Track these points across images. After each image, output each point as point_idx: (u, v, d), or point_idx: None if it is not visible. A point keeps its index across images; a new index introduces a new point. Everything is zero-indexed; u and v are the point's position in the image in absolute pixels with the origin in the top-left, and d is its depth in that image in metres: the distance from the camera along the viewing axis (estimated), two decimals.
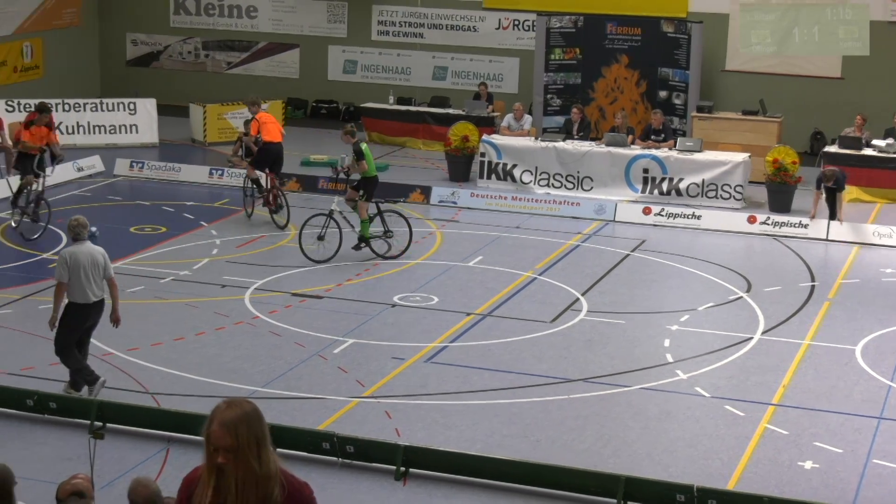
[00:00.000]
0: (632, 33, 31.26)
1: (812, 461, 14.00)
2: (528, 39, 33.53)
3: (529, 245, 23.13)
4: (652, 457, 14.12)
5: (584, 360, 17.17)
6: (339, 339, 17.53)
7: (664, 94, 30.98)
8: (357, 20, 35.69)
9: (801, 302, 20.03)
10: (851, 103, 30.11)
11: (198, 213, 24.81)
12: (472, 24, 34.75)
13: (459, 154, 28.27)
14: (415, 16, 35.18)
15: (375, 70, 35.73)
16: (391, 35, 35.53)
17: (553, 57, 31.56)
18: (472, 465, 13.42)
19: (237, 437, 5.92)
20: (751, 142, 27.96)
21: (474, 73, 34.70)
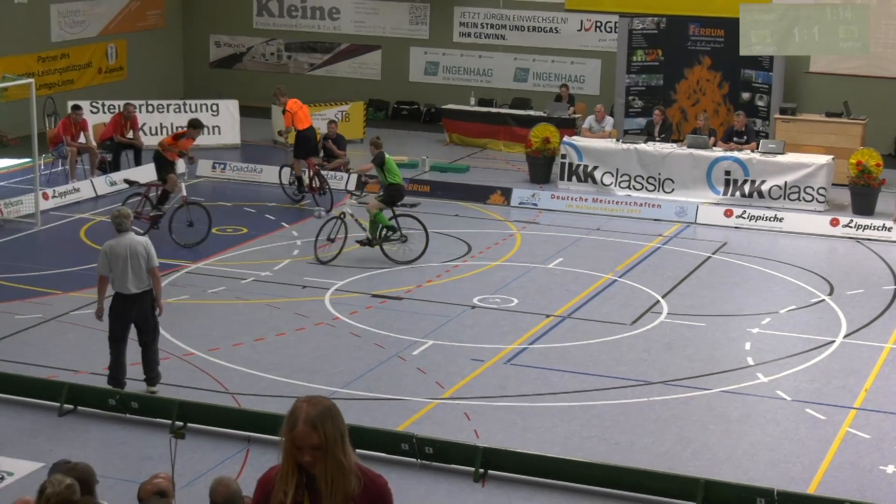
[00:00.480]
0: (714, 35, 31.08)
1: (894, 466, 13.86)
2: (610, 41, 33.44)
3: (610, 247, 23.09)
4: (732, 460, 14.05)
5: (664, 362, 17.11)
6: (418, 341, 17.60)
7: (747, 95, 30.77)
8: (439, 21, 35.78)
9: (885, 305, 19.84)
10: None
11: (279, 214, 25.00)
12: (554, 26, 34.71)
13: (540, 156, 28.26)
14: (496, 17, 35.20)
15: (457, 71, 35.79)
16: (473, 36, 35.58)
17: (635, 58, 31.45)
18: (550, 468, 13.42)
19: (325, 434, 5.96)
20: (834, 144, 27.70)
21: (556, 75, 34.66)
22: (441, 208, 25.52)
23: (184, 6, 37.81)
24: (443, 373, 16.42)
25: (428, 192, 26.52)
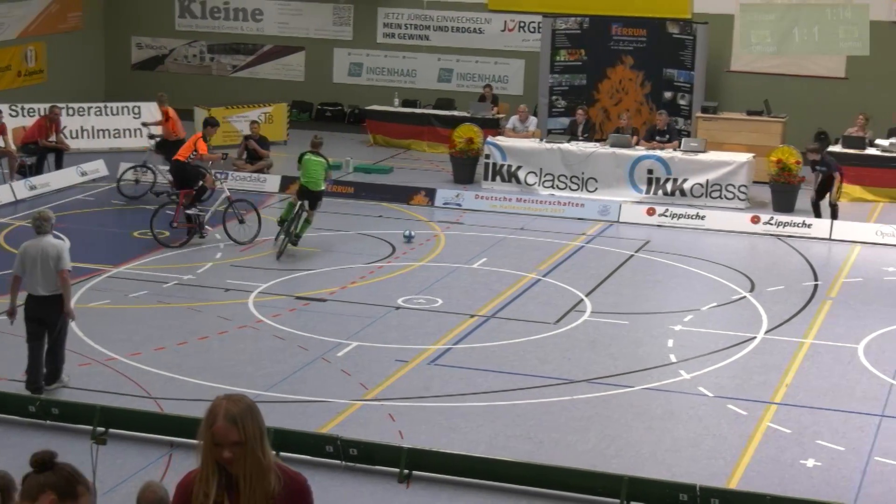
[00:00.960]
0: (636, 34, 31.29)
1: (814, 459, 14.02)
2: (534, 41, 33.56)
3: (534, 246, 23.17)
4: (655, 457, 14.14)
5: (587, 361, 17.20)
6: (342, 342, 17.57)
7: (668, 94, 31.00)
8: (362, 23, 35.73)
9: (804, 301, 20.07)
10: (855, 103, 30.10)
11: None
12: (478, 26, 34.78)
13: (464, 156, 28.31)
14: (420, 18, 35.21)
15: (381, 72, 35.76)
16: (397, 37, 35.57)
17: (558, 58, 31.60)
18: (475, 467, 13.44)
19: (244, 431, 5.93)
20: (755, 142, 27.98)
21: (479, 75, 34.72)
22: (365, 209, 25.52)
23: (105, 8, 37.48)
24: (367, 374, 16.39)
25: (352, 194, 26.51)
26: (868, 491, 13.31)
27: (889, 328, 18.72)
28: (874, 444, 14.50)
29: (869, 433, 14.80)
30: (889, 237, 23.63)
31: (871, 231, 23.90)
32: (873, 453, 14.22)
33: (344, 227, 24.10)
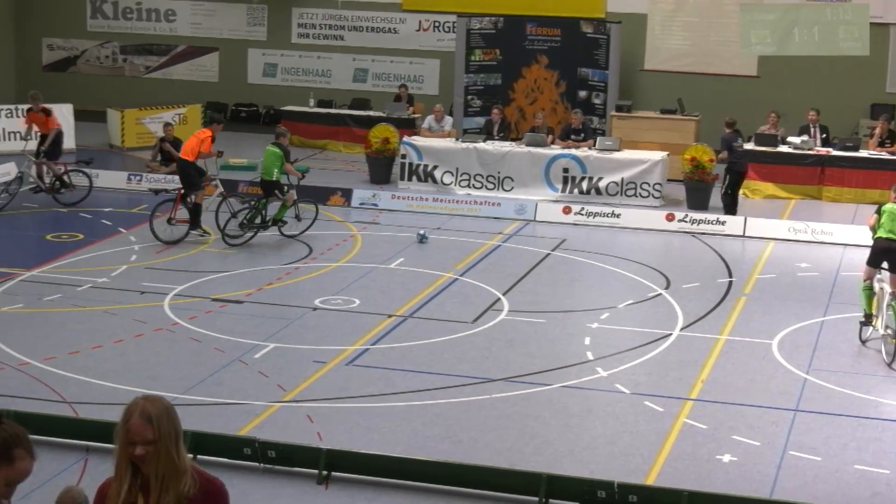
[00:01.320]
0: (551, 34, 31.44)
1: (730, 454, 14.13)
2: (449, 41, 33.62)
3: (451, 246, 23.20)
4: (573, 454, 14.19)
5: (505, 359, 17.23)
6: (259, 344, 17.47)
7: (583, 93, 31.18)
8: (277, 23, 35.62)
9: (719, 298, 20.25)
10: (767, 101, 30.47)
11: (116, 219, 24.63)
12: (392, 26, 34.78)
13: (380, 156, 28.30)
14: (335, 18, 35.16)
15: (295, 73, 35.67)
16: (311, 37, 35.49)
17: (473, 58, 31.66)
18: (394, 467, 13.41)
19: (159, 430, 5.90)
20: (669, 140, 28.22)
21: (395, 75, 34.73)
22: None
23: (14, 9, 37.03)
24: (285, 375, 16.32)
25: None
26: (783, 485, 13.44)
27: (802, 323, 18.95)
28: (789, 438, 14.65)
29: (783, 428, 14.96)
30: (801, 233, 23.93)
31: (783, 228, 24.17)
32: (788, 447, 14.37)
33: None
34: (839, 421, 15.24)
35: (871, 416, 15.45)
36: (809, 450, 14.31)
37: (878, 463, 14.02)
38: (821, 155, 27.39)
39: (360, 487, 13.22)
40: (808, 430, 14.90)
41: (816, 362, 17.27)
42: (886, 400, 16.05)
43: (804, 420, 15.22)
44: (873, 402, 15.94)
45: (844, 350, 17.85)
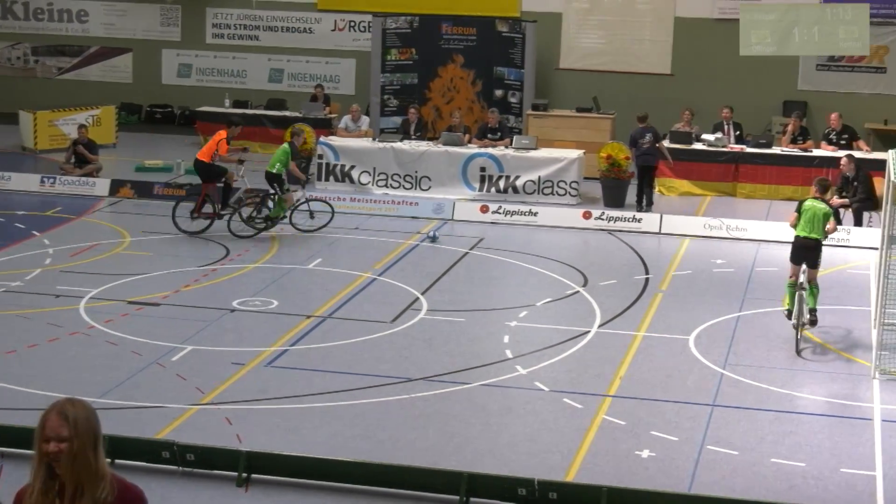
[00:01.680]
0: (466, 33, 31.50)
1: (649, 450, 14.24)
2: (364, 40, 33.59)
3: (369, 246, 23.17)
4: (493, 452, 14.22)
5: (424, 359, 17.24)
6: (177, 346, 17.34)
7: (499, 92, 31.27)
8: (191, 23, 35.37)
9: (636, 294, 20.39)
10: (681, 99, 30.74)
11: (29, 222, 24.35)
12: (308, 26, 34.67)
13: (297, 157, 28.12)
14: (249, 18, 34.99)
15: (210, 73, 35.46)
16: (226, 38, 35.30)
17: (389, 57, 31.65)
18: (315, 469, 13.37)
19: (75, 428, 5.85)
20: (585, 138, 28.38)
21: (310, 75, 34.63)
22: None
23: None
24: (203, 378, 16.20)
25: (183, 197, 26.12)
26: (701, 479, 13.56)
27: (718, 319, 19.13)
28: (706, 433, 14.78)
29: (701, 423, 15.09)
30: (716, 230, 24.16)
31: (699, 224, 24.39)
32: (706, 442, 14.50)
33: (175, 230, 23.76)
34: (755, 415, 15.41)
35: (786, 410, 15.62)
36: (727, 444, 14.45)
37: (794, 456, 14.19)
38: (734, 152, 27.67)
39: (281, 489, 13.17)
40: (726, 425, 15.05)
41: (732, 357, 17.45)
42: (801, 393, 16.26)
43: (721, 415, 15.37)
44: (788, 395, 16.13)
45: (760, 345, 18.05)
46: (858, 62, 30.98)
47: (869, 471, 13.84)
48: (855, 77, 31.27)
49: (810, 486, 13.49)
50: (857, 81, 31.27)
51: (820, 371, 17.13)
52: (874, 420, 15.32)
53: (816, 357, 17.66)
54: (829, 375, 16.95)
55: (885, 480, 13.60)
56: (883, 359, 16.83)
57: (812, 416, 15.55)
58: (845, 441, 14.69)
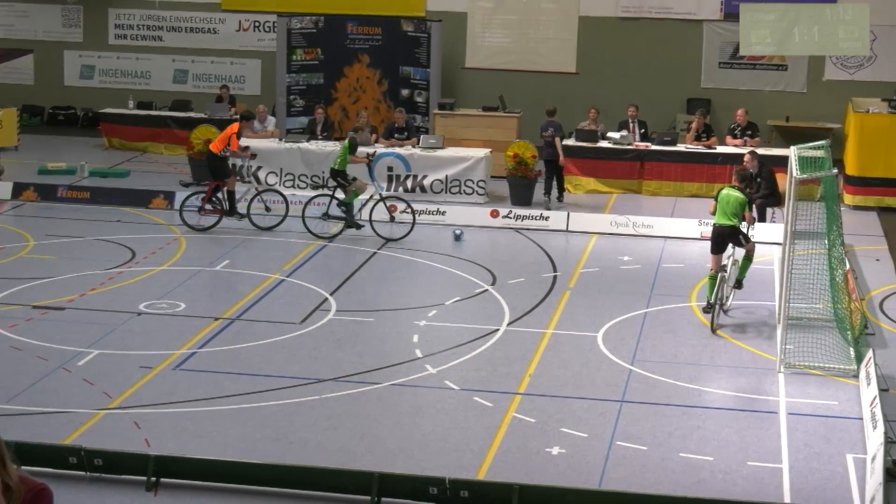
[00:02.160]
0: (372, 33, 31.46)
1: (559, 447, 14.32)
2: (269, 41, 33.42)
3: (276, 247, 23.07)
4: (405, 452, 14.24)
5: (334, 359, 17.20)
6: (83, 351, 17.16)
7: (406, 92, 31.27)
8: (93, 24, 34.98)
9: (545, 292, 20.49)
10: (587, 97, 30.94)
11: None
12: (212, 26, 34.44)
13: (202, 157, 27.95)
14: (153, 18, 34.67)
15: (114, 75, 35.10)
16: (129, 38, 34.95)
17: (294, 57, 31.52)
18: (225, 471, 13.31)
19: None
20: (491, 137, 28.45)
21: (216, 76, 34.39)
22: (102, 215, 24.99)
23: None
24: (110, 382, 16.05)
25: (87, 199, 25.89)
26: (611, 475, 13.67)
27: (626, 315, 19.28)
28: (615, 428, 14.91)
29: (610, 419, 15.21)
30: (623, 227, 24.33)
31: (605, 221, 24.56)
32: (615, 438, 14.62)
33: (81, 233, 23.54)
34: (664, 410, 15.56)
35: (694, 405, 15.80)
36: (636, 439, 14.58)
37: (702, 450, 14.36)
38: (640, 150, 27.89)
39: (191, 493, 13.11)
40: (635, 421, 15.18)
41: (640, 353, 17.60)
42: (708, 388, 16.44)
43: (630, 410, 15.50)
44: (696, 390, 16.31)
45: (667, 341, 18.22)
46: (759, 59, 31.35)
47: (775, 463, 14.04)
48: (757, 75, 31.63)
49: (718, 479, 13.66)
50: (760, 79, 31.64)
51: (726, 366, 17.33)
52: (780, 413, 15.54)
53: (723, 352, 17.85)
54: (735, 370, 17.16)
55: (790, 473, 13.82)
56: (788, 353, 17.07)
57: (719, 411, 15.74)
58: (752, 434, 14.88)
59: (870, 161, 26.85)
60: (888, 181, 26.75)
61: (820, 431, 14.99)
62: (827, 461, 14.15)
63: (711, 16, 31.68)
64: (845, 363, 16.99)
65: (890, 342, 18.30)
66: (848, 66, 31.06)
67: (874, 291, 20.84)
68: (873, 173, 26.82)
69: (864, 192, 26.86)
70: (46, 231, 23.65)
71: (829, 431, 14.99)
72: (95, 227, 23.98)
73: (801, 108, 31.24)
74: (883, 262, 22.66)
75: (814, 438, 14.78)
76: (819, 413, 15.57)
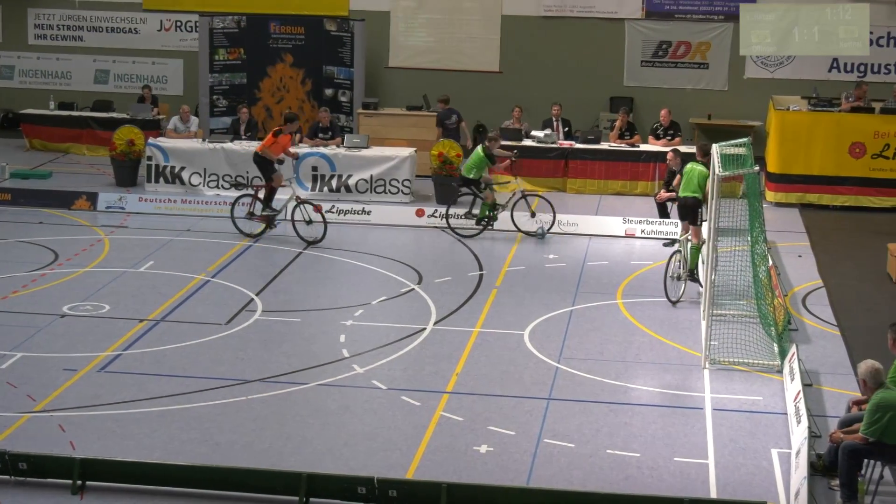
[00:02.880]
0: (295, 32, 31.36)
1: (487, 445, 14.36)
2: (192, 40, 33.21)
3: (201, 248, 22.95)
4: (332, 452, 14.22)
5: (261, 360, 17.14)
6: (6, 354, 16.98)
7: (330, 91, 31.20)
8: (12, 24, 34.61)
9: (471, 291, 20.53)
10: (510, 96, 31.04)
11: None
12: (133, 26, 34.18)
13: (125, 158, 27.77)
14: (73, 18, 34.36)
15: (34, 75, 34.75)
16: (49, 38, 34.61)
17: (217, 57, 31.34)
18: (151, 474, 13.24)
19: None
20: (416, 136, 28.45)
21: (137, 76, 34.13)
22: (24, 216, 24.73)
23: None
24: (34, 385, 15.89)
25: (9, 201, 25.60)
26: (539, 472, 13.73)
27: (552, 314, 19.36)
28: (543, 426, 14.97)
29: (538, 416, 15.27)
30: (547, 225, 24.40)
31: (530, 221, 24.60)
32: (543, 435, 14.68)
33: (2, 235, 23.27)
34: (591, 407, 15.64)
35: (620, 402, 15.90)
36: (563, 437, 14.65)
37: (629, 446, 14.46)
38: (564, 148, 28.01)
39: (118, 496, 13.03)
40: (562, 418, 15.25)
41: (567, 351, 17.68)
42: (634, 385, 16.55)
43: (557, 408, 15.57)
44: (622, 387, 16.41)
45: (593, 338, 18.32)
46: (682, 58, 31.61)
47: (702, 459, 14.17)
48: (679, 73, 31.86)
49: (645, 475, 13.76)
50: (681, 77, 31.87)
51: (652, 362, 17.45)
52: (705, 409, 15.68)
53: (648, 349, 17.97)
54: (661, 367, 17.28)
55: (716, 468, 13.95)
56: (713, 349, 17.22)
57: (646, 407, 15.85)
58: (678, 430, 15.00)
59: (791, 158, 27.13)
60: (809, 178, 27.05)
61: (745, 426, 15.13)
62: (752, 456, 14.30)
63: (633, 14, 31.88)
64: (769, 359, 17.17)
65: (813, 338, 18.51)
66: (768, 64, 31.37)
67: (797, 287, 21.07)
68: (795, 170, 27.10)
69: (785, 189, 27.13)
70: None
71: (754, 426, 15.14)
72: (17, 229, 23.72)
73: (723, 106, 31.51)
74: (805, 258, 22.91)
75: (739, 434, 14.92)
76: (744, 408, 15.72)
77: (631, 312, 19.42)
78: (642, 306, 19.80)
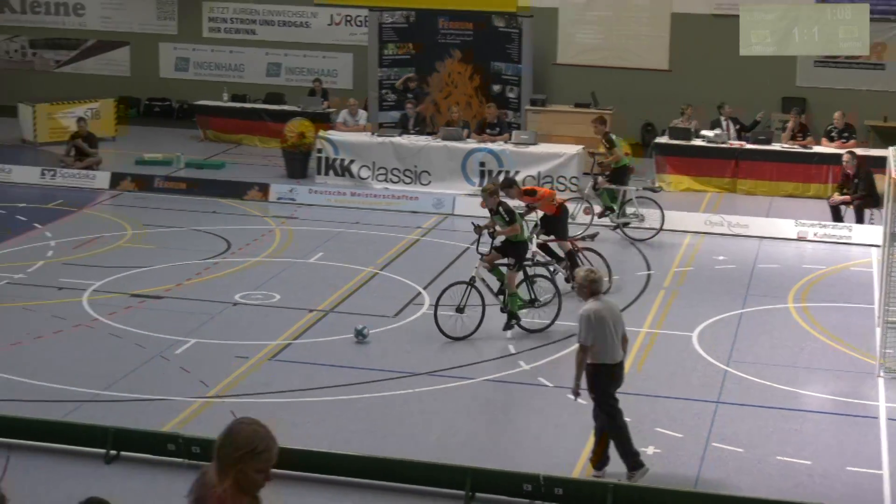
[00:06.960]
0: (463, 28, 31.46)
1: (654, 446, 14.23)
2: (361, 35, 33.53)
3: (370, 240, 23.15)
4: (498, 448, 14.23)
5: (427, 353, 17.22)
6: (180, 340, 17.32)
7: (497, 87, 31.23)
8: (187, 16, 35.32)
9: (639, 290, 20.38)
10: (679, 95, 30.73)
11: (31, 214, 24.29)
12: (305, 20, 34.62)
13: (296, 150, 28.17)
14: (246, 12, 34.94)
15: (208, 67, 35.40)
16: (223, 31, 35.24)
17: (386, 52, 31.60)
18: (319, 463, 13.37)
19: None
20: (583, 133, 28.28)
21: (308, 70, 34.56)
22: (198, 205, 25.24)
23: None
24: (207, 371, 16.20)
25: (184, 190, 26.16)
26: (706, 476, 13.57)
27: (721, 316, 19.11)
28: (711, 429, 14.79)
29: (706, 419, 15.09)
30: (717, 226, 24.13)
31: (700, 221, 24.36)
32: (711, 439, 14.50)
33: (178, 223, 23.78)
34: (760, 412, 15.41)
35: (791, 408, 15.63)
36: (732, 441, 14.46)
37: (800, 454, 14.20)
38: (734, 148, 27.67)
39: (286, 483, 13.14)
40: (731, 422, 15.05)
41: (736, 354, 17.44)
42: (805, 391, 16.25)
43: (726, 412, 15.37)
44: (793, 393, 16.13)
45: (763, 342, 18.03)
46: (857, 59, 30.99)
47: (876, 469, 13.85)
48: (853, 74, 31.25)
49: (816, 483, 13.50)
50: (856, 78, 31.25)
51: (824, 368, 17.13)
52: (880, 418, 15.33)
53: (821, 355, 17.65)
54: (833, 373, 16.96)
55: (891, 479, 13.62)
56: (888, 357, 16.83)
57: (817, 414, 15.56)
58: (851, 439, 14.70)
59: None
60: None
61: None
62: None
63: None
64: None
65: None
66: None
67: None
68: None
69: None
70: (144, 221, 23.91)
71: None
72: (192, 218, 24.21)
73: None
74: None
75: None
76: None
77: (802, 317, 19.10)
78: (814, 311, 19.46)
